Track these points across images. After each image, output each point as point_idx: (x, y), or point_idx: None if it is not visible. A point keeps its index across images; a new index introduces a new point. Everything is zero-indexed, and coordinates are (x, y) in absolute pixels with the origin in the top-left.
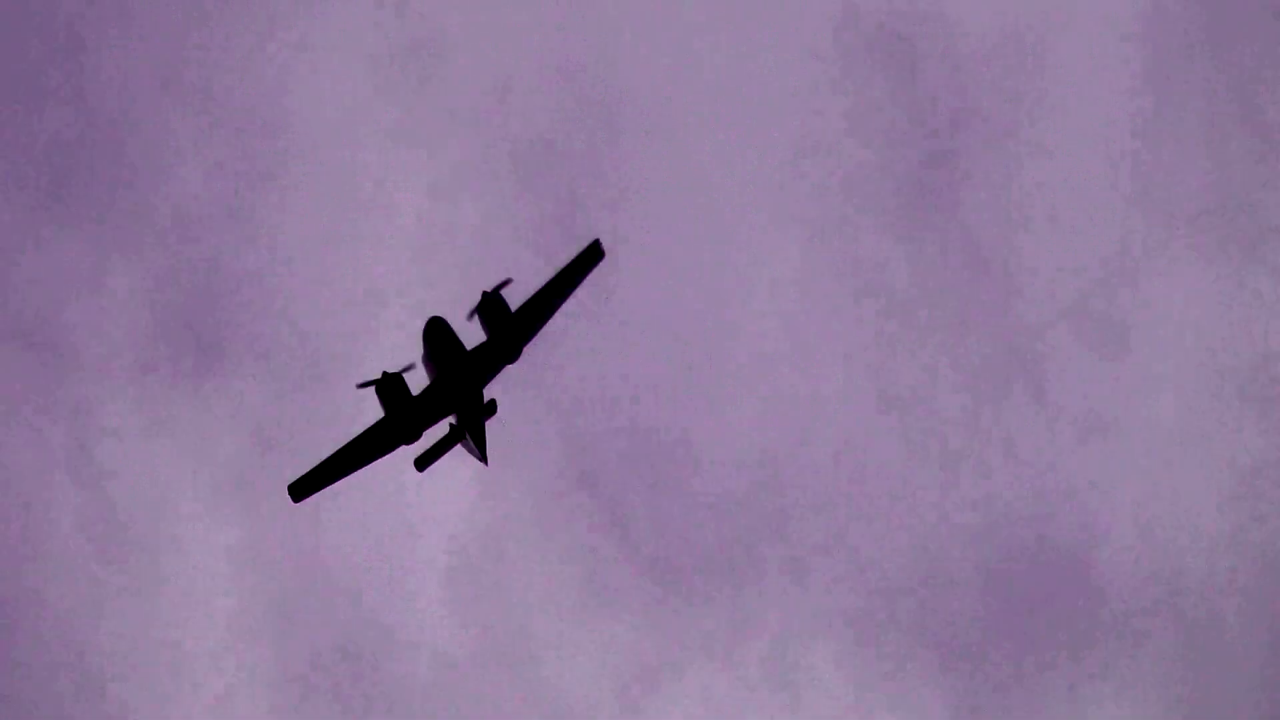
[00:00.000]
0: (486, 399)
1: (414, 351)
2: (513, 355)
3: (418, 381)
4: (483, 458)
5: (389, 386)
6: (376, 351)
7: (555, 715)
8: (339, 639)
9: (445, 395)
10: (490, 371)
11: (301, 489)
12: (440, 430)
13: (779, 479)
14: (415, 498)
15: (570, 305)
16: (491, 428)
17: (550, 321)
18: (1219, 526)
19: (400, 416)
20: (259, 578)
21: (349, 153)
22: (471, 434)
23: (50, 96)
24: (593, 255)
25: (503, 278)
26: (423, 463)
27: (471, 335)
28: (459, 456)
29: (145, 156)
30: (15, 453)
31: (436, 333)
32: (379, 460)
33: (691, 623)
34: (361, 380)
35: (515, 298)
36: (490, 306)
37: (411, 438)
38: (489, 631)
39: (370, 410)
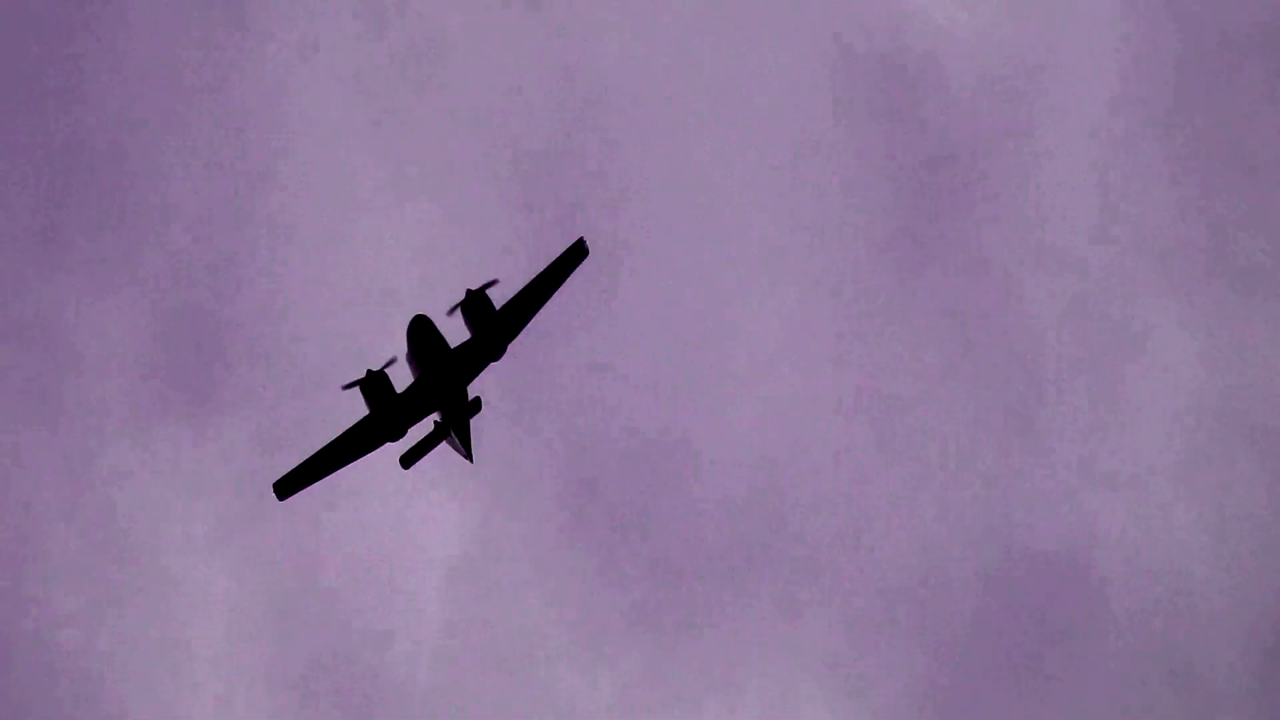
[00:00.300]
0: (471, 396)
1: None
2: (497, 353)
3: (402, 379)
4: (468, 455)
5: (373, 384)
6: (373, 354)
7: None
8: (335, 648)
9: (429, 393)
10: (475, 369)
11: (287, 486)
12: (425, 427)
13: (777, 487)
14: (412, 513)
15: (569, 312)
16: (481, 428)
17: (551, 332)
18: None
19: (384, 414)
20: (255, 596)
21: (346, 154)
22: (456, 431)
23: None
24: (577, 253)
25: (495, 278)
26: (408, 460)
27: (455, 332)
28: (455, 463)
29: (145, 161)
30: (17, 457)
31: (421, 331)
32: (364, 459)
33: (692, 651)
34: (347, 381)
35: (500, 296)
36: (474, 304)
37: (396, 435)
38: (485, 643)
39: (358, 408)
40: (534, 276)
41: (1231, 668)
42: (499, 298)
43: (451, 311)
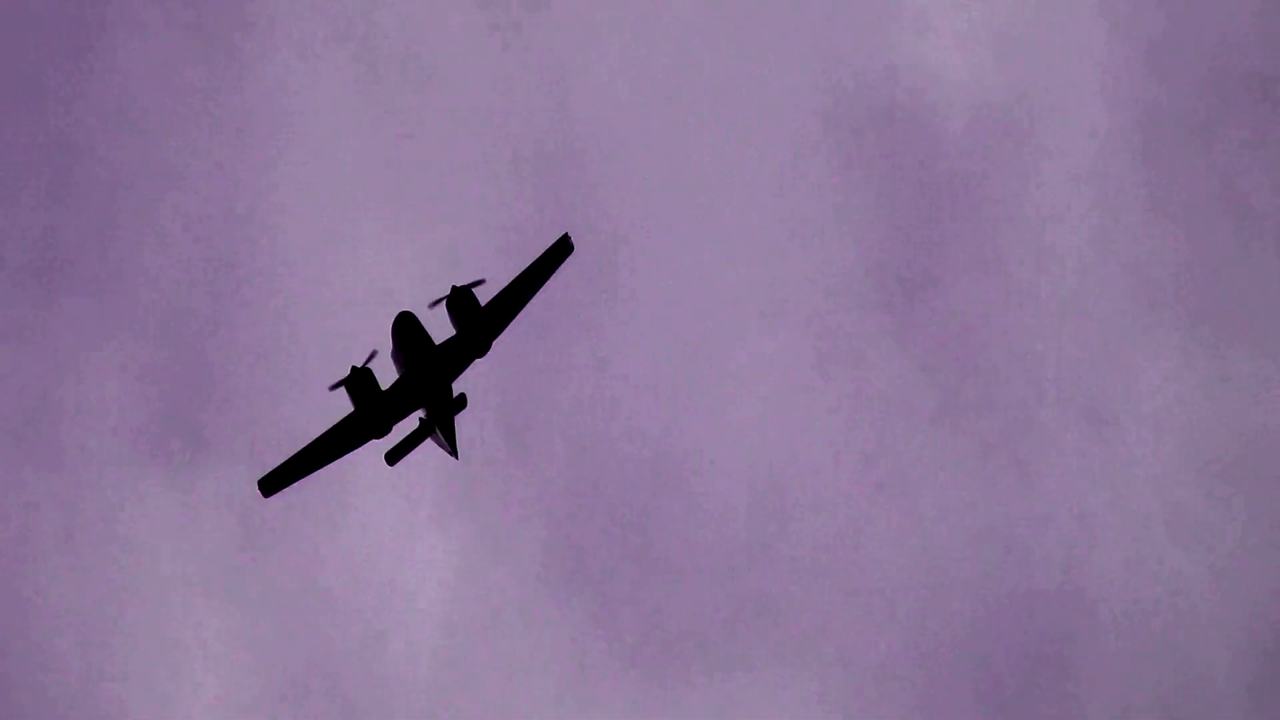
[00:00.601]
0: (456, 393)
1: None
2: (482, 349)
3: (387, 375)
4: (453, 451)
5: (357, 381)
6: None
7: None
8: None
9: (414, 389)
10: (460, 365)
11: (271, 484)
12: (410, 424)
13: (766, 553)
14: (401, 547)
15: (558, 329)
16: (465, 442)
17: (540, 347)
18: (1203, 608)
19: (369, 410)
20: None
21: (349, 155)
22: (441, 428)
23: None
24: (562, 249)
25: (482, 278)
26: (393, 457)
27: (439, 327)
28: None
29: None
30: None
31: (406, 327)
32: (350, 455)
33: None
34: (334, 382)
35: (486, 292)
36: (459, 300)
37: (381, 432)
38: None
39: (345, 406)
40: (519, 273)
41: (1226, 709)
42: (485, 293)
43: (434, 305)
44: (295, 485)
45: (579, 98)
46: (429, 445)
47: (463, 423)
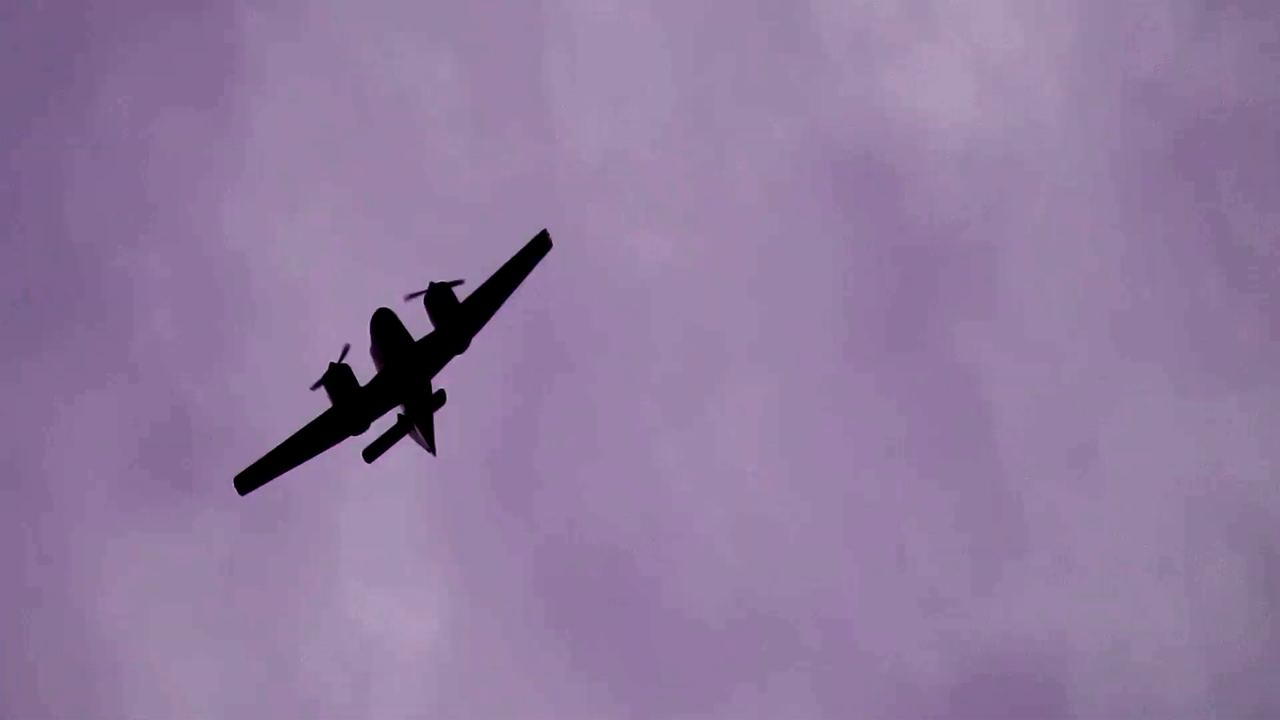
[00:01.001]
0: (435, 389)
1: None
2: (460, 346)
3: (365, 372)
4: (431, 448)
5: (335, 377)
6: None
7: None
8: None
9: (393, 386)
10: (438, 362)
11: (248, 481)
12: (389, 421)
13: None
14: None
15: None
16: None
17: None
18: (1189, 657)
19: (348, 407)
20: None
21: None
22: (420, 424)
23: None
24: (540, 245)
25: (461, 279)
26: (371, 453)
27: (418, 323)
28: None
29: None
30: None
31: (384, 324)
32: (328, 453)
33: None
34: (314, 382)
35: (464, 290)
36: (437, 297)
37: (359, 428)
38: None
39: (320, 403)
40: (498, 270)
41: None
42: (463, 291)
43: (410, 298)
44: (284, 512)
45: (576, 134)
46: (408, 443)
47: (447, 461)
